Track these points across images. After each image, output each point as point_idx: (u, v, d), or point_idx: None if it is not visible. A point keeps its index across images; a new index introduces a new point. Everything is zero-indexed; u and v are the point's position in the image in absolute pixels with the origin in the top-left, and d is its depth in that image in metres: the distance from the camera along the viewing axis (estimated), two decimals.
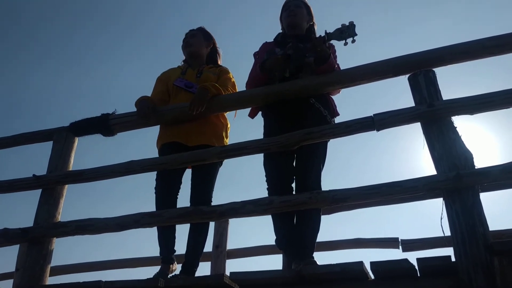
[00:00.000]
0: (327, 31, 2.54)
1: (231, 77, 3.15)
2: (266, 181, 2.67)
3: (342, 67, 2.78)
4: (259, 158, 2.74)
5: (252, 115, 2.90)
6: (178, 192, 2.95)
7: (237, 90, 3.07)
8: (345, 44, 2.51)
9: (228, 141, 3.11)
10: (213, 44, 3.34)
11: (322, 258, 2.45)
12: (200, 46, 3.27)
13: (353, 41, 2.50)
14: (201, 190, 2.86)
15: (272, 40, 3.00)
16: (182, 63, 3.35)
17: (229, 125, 3.17)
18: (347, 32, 2.49)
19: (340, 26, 2.51)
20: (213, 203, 2.82)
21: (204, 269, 4.33)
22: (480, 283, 1.79)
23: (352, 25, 2.49)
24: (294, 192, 2.58)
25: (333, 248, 4.05)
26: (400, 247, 3.77)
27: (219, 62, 3.36)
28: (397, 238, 3.84)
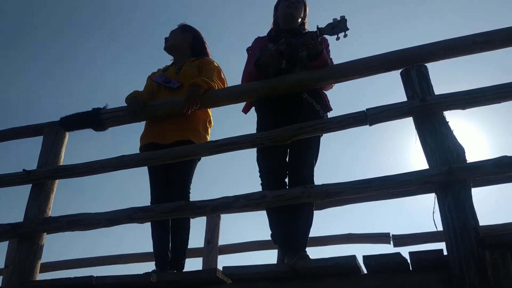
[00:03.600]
0: (319, 26, 2.53)
1: (216, 66, 3.08)
2: (260, 176, 2.67)
3: (335, 63, 2.78)
4: (253, 155, 2.75)
5: (245, 110, 2.90)
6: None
7: (224, 78, 3.03)
8: (337, 39, 2.51)
9: (209, 135, 3.07)
10: (193, 35, 3.28)
11: (313, 253, 2.45)
12: (175, 38, 3.24)
13: (345, 35, 2.50)
14: (179, 183, 2.84)
15: (265, 35, 2.99)
16: (171, 61, 3.32)
17: (210, 119, 3.12)
18: (338, 26, 2.49)
19: (331, 21, 2.51)
20: (204, 198, 2.80)
21: (195, 264, 4.33)
22: (472, 276, 1.81)
23: (343, 20, 2.49)
24: (287, 187, 2.58)
25: (324, 243, 4.06)
26: (391, 242, 3.79)
27: (207, 51, 3.29)
28: (388, 233, 3.87)
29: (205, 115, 3.08)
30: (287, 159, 2.67)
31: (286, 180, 2.63)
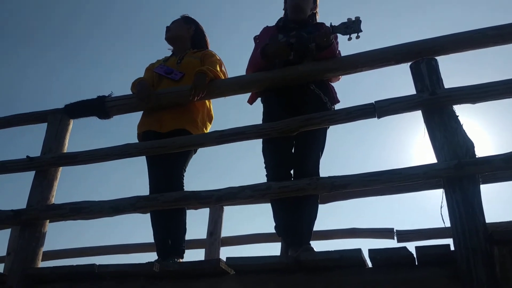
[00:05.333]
0: (332, 24, 2.50)
1: (218, 58, 3.06)
2: (265, 167, 2.64)
3: (343, 55, 2.74)
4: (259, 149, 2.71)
5: (251, 101, 2.86)
6: None
7: (225, 71, 3.01)
8: (349, 39, 2.47)
9: (208, 129, 3.04)
10: (195, 27, 3.27)
11: (316, 247, 2.44)
12: (178, 29, 3.22)
13: (358, 37, 2.46)
14: (173, 169, 2.82)
15: (274, 24, 2.95)
16: (170, 52, 3.30)
17: (210, 113, 3.10)
18: (352, 27, 2.45)
19: (346, 20, 2.47)
20: (209, 189, 2.78)
21: (198, 256, 4.32)
22: (480, 272, 1.79)
23: (358, 21, 2.45)
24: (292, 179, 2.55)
25: (328, 237, 4.04)
26: (395, 237, 3.78)
27: (208, 45, 3.28)
28: (392, 229, 3.85)
29: (203, 107, 3.05)
30: (293, 151, 2.64)
31: (292, 172, 2.61)
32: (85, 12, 11.24)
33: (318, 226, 2.66)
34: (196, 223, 4.42)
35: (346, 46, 2.55)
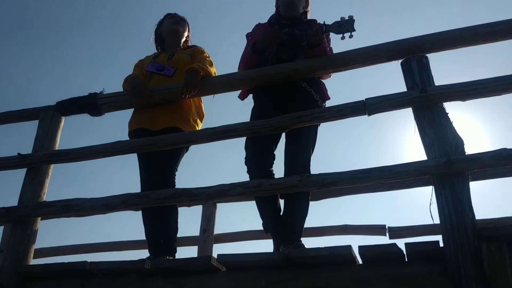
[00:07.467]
0: (325, 23, 2.51)
1: (208, 56, 3.08)
2: (246, 163, 2.63)
3: (335, 52, 2.75)
4: None
5: (242, 96, 2.87)
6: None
7: (215, 69, 3.00)
8: (342, 38, 2.48)
9: (199, 126, 3.04)
10: (188, 28, 3.35)
11: (308, 244, 2.45)
12: (184, 32, 3.27)
13: (351, 36, 2.47)
14: (165, 167, 2.81)
15: (266, 21, 2.96)
16: (155, 44, 3.31)
17: (202, 110, 3.10)
18: (345, 26, 2.45)
19: (339, 19, 2.48)
20: (201, 186, 2.78)
21: (191, 253, 4.33)
22: (468, 268, 1.81)
23: (351, 20, 2.45)
24: (276, 176, 2.55)
25: (320, 234, 4.06)
26: (387, 234, 3.80)
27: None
28: (384, 226, 3.87)
29: (195, 105, 3.05)
30: (274, 149, 2.65)
31: (271, 169, 2.61)
32: (70, 9, 11.14)
33: (310, 222, 2.68)
34: (189, 220, 4.43)
35: (342, 44, 2.56)
